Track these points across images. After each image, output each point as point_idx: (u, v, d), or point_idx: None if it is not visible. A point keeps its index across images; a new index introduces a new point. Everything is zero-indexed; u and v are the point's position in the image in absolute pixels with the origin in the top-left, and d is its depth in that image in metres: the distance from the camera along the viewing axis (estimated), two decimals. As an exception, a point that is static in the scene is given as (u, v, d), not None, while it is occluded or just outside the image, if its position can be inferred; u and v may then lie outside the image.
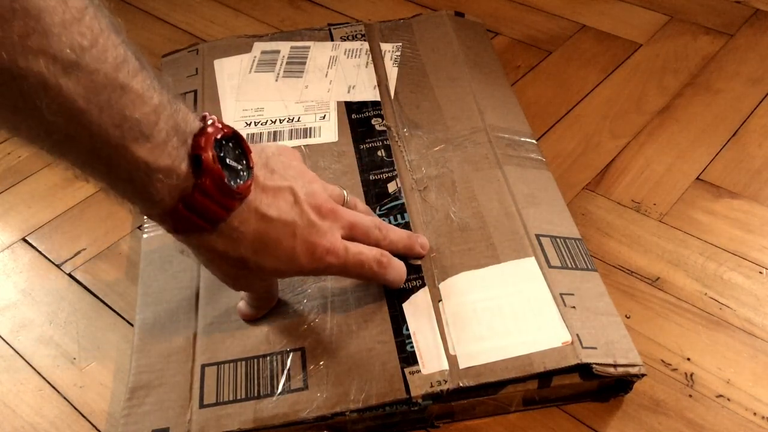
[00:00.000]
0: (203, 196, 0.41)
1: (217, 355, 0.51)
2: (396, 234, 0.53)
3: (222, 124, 0.43)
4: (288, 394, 0.49)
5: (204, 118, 0.43)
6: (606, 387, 0.51)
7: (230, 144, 0.43)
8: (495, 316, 0.51)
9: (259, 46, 0.77)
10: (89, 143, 0.37)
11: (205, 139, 0.41)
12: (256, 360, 0.51)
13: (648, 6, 0.88)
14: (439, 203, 0.60)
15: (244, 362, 0.51)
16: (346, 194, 0.52)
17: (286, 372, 0.50)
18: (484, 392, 0.49)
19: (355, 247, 0.49)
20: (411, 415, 0.49)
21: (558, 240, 0.57)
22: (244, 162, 0.44)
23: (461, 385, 0.48)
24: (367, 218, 0.52)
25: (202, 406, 0.49)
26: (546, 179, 0.63)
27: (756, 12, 0.86)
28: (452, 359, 0.49)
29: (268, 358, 0.51)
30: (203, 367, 0.51)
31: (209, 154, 0.41)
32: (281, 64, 0.74)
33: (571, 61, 0.81)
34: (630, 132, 0.72)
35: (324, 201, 0.48)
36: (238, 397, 0.49)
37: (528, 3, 0.91)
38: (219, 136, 0.42)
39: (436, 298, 0.53)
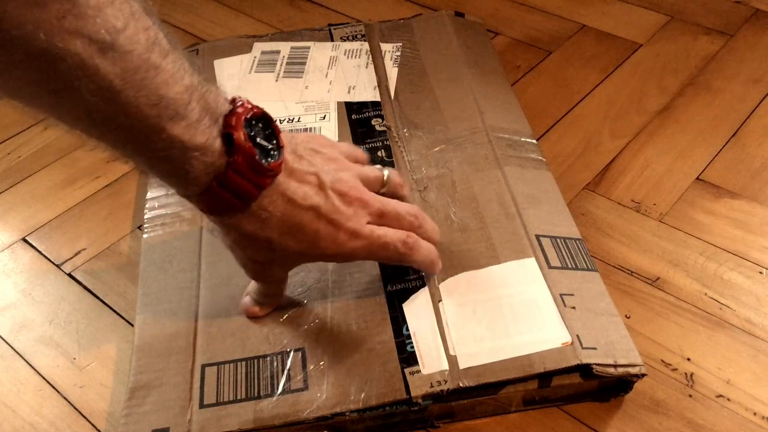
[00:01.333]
0: (236, 174, 0.42)
1: (217, 355, 0.51)
2: (431, 225, 0.53)
3: (251, 104, 0.44)
4: (288, 395, 0.49)
5: (234, 100, 0.44)
6: (606, 387, 0.51)
7: (260, 124, 0.44)
8: (495, 316, 0.51)
9: (259, 47, 0.77)
10: (126, 123, 0.38)
11: (236, 119, 0.42)
12: (256, 360, 0.51)
13: (648, 6, 0.88)
14: (439, 204, 0.60)
15: (244, 362, 0.51)
16: (386, 174, 0.52)
17: (286, 372, 0.50)
18: (484, 392, 0.49)
19: (380, 230, 0.49)
20: (411, 416, 0.49)
21: (558, 240, 0.57)
22: (275, 142, 0.45)
23: (461, 385, 0.48)
24: (402, 206, 0.51)
25: (202, 406, 0.49)
26: (546, 179, 0.63)
27: (756, 12, 0.86)
28: (452, 359, 0.49)
29: (269, 358, 0.51)
30: (203, 367, 0.51)
31: (240, 133, 0.42)
32: (281, 65, 0.74)
33: (571, 61, 0.81)
34: (630, 132, 0.72)
35: (350, 188, 0.48)
36: (239, 398, 0.49)
37: (528, 3, 0.91)
38: (249, 116, 0.43)
39: (437, 299, 0.53)
